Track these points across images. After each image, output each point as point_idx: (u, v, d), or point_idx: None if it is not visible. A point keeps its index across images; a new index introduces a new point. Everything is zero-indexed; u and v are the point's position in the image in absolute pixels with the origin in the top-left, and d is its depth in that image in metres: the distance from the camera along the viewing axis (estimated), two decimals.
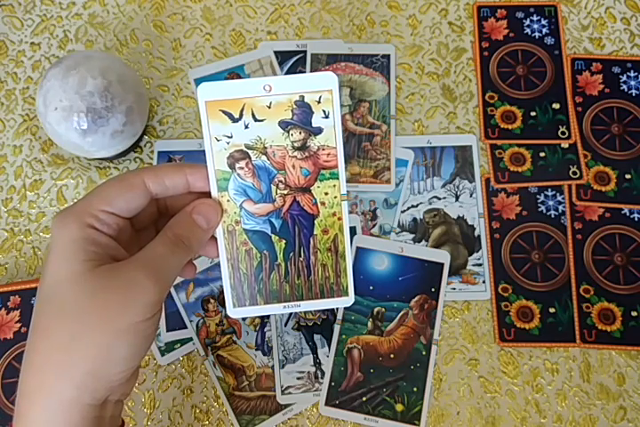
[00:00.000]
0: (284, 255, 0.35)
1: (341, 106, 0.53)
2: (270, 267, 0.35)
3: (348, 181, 0.51)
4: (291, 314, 0.48)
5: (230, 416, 0.47)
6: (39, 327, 0.29)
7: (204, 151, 0.58)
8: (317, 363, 0.47)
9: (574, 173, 0.51)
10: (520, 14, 0.56)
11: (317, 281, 0.36)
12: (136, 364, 0.30)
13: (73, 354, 0.28)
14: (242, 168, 0.34)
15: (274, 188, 0.34)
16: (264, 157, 0.34)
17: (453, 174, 0.52)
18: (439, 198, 0.51)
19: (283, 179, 0.34)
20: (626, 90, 0.54)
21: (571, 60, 0.54)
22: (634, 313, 0.49)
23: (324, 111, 0.34)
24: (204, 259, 0.49)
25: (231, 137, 0.34)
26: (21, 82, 0.54)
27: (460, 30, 0.56)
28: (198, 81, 0.54)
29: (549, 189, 0.51)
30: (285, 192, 0.35)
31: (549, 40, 0.55)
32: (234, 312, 0.35)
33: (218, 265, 0.49)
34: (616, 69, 0.54)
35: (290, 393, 0.47)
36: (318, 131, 0.34)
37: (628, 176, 0.51)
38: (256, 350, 0.48)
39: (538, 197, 0.51)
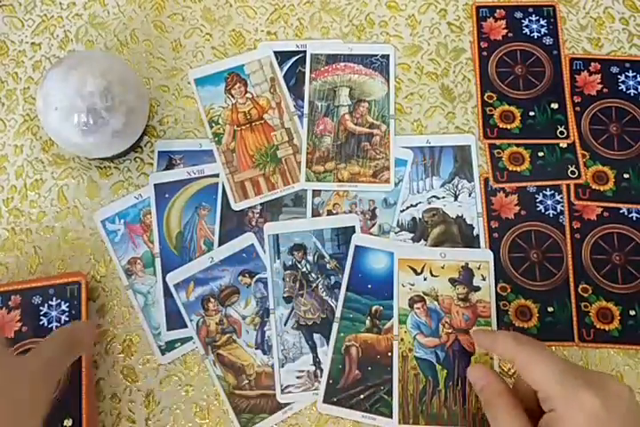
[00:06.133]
0: (444, 383, 0.44)
1: (342, 106, 0.53)
2: (433, 391, 0.44)
3: (346, 181, 0.51)
4: (290, 313, 0.48)
5: (230, 415, 0.47)
6: None
7: (204, 151, 0.58)
8: (317, 362, 0.48)
9: (573, 172, 0.52)
10: (519, 14, 0.56)
11: (471, 410, 0.44)
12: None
13: None
14: (418, 308, 0.46)
15: (441, 326, 0.46)
16: (435, 303, 0.46)
17: (452, 174, 0.52)
18: (438, 198, 0.51)
19: (448, 320, 0.46)
20: (624, 90, 0.54)
21: (569, 60, 0.55)
22: (632, 312, 0.49)
23: (482, 275, 0.47)
24: (205, 258, 0.49)
25: (413, 285, 0.47)
26: (22, 82, 0.55)
27: (459, 30, 0.56)
28: (198, 81, 0.54)
29: (548, 189, 0.52)
30: (450, 331, 0.46)
31: (548, 40, 0.55)
32: None
33: (218, 265, 0.50)
34: (614, 69, 0.54)
35: (290, 392, 0.47)
36: (477, 289, 0.47)
37: (626, 176, 0.52)
38: (256, 349, 0.48)
39: (536, 196, 0.51)
